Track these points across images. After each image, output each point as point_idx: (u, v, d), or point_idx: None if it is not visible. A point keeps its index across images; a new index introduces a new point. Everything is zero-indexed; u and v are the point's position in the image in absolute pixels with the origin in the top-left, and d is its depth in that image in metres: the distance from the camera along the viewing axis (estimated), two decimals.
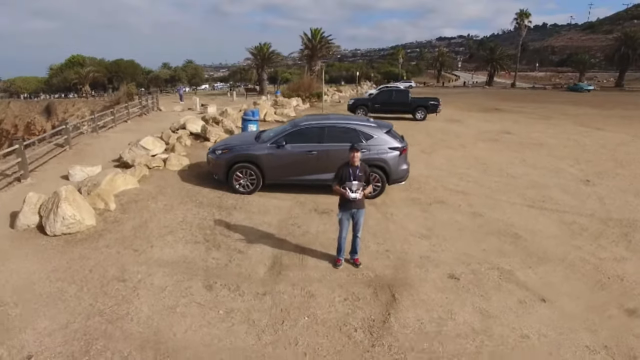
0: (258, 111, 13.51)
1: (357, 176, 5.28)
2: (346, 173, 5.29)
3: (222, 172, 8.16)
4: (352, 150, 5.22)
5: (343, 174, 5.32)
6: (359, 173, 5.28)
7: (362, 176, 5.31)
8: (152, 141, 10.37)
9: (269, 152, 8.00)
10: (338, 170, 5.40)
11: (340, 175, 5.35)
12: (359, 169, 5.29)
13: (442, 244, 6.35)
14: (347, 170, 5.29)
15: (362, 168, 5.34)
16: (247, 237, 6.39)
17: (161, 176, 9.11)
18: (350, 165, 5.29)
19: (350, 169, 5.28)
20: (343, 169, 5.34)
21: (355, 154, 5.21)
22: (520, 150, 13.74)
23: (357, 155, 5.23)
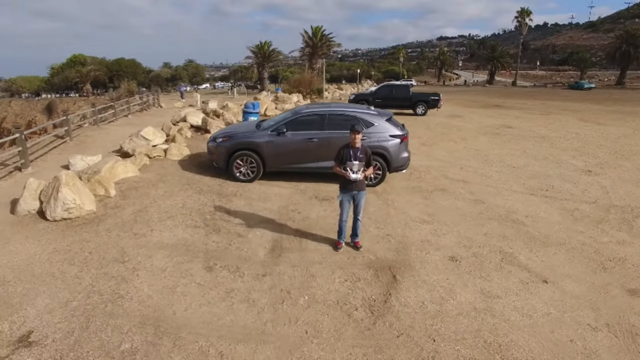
0: (259, 104, 13.51)
1: (358, 157, 5.25)
2: (347, 154, 5.27)
3: (223, 160, 8.15)
4: (353, 132, 5.19)
5: (344, 155, 5.30)
6: (359, 154, 5.26)
7: (363, 157, 5.29)
8: (153, 132, 10.36)
9: (270, 140, 7.98)
10: (339, 151, 5.39)
11: (341, 156, 5.34)
12: (360, 151, 5.27)
13: (443, 229, 6.32)
14: (347, 152, 5.27)
15: (363, 150, 5.32)
16: (247, 222, 6.37)
17: (162, 165, 9.10)
18: (351, 147, 5.27)
19: (351, 150, 5.26)
20: (344, 150, 5.32)
21: (356, 135, 5.19)
22: (522, 143, 13.71)
23: (358, 137, 5.20)
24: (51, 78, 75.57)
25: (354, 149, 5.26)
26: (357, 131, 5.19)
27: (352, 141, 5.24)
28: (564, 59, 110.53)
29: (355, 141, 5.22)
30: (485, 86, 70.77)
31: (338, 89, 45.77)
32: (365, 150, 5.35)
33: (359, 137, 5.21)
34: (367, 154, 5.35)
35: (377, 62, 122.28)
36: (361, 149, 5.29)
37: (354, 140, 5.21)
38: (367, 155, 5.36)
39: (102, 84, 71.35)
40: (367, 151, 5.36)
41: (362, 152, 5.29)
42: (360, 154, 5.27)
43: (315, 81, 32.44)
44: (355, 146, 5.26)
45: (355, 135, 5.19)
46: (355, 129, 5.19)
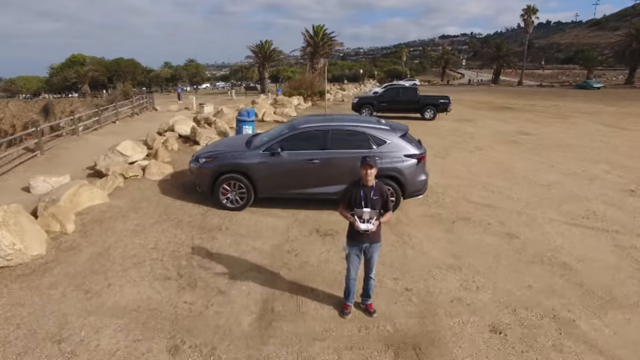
0: (254, 111, 12.23)
1: (371, 200, 4.00)
2: (356, 196, 4.01)
3: (206, 184, 6.89)
4: (365, 166, 3.93)
5: (352, 196, 4.05)
6: (373, 196, 4.00)
7: (378, 200, 4.03)
8: (132, 146, 9.11)
9: (262, 161, 6.72)
10: (346, 190, 4.13)
11: (348, 197, 4.08)
12: (374, 191, 4.01)
13: (475, 279, 5.05)
14: (357, 192, 4.01)
15: (378, 189, 4.05)
16: (232, 270, 5.11)
17: (138, 188, 7.84)
18: (363, 186, 4.01)
19: (361, 191, 4.00)
20: (352, 190, 4.06)
21: (368, 170, 3.93)
22: (544, 154, 12.40)
23: (371, 173, 3.94)
24: (50, 78, 74.92)
25: (365, 189, 4.00)
26: (369, 165, 3.92)
27: (363, 178, 3.98)
28: (569, 57, 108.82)
29: (368, 178, 3.96)
30: (491, 85, 69.39)
31: (340, 89, 44.47)
32: (381, 190, 4.08)
33: (372, 173, 3.95)
34: (383, 195, 4.08)
35: (380, 61, 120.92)
36: (375, 189, 4.03)
37: (365, 176, 3.95)
38: (384, 197, 4.09)
39: (102, 84, 70.45)
40: (383, 191, 4.09)
41: (377, 193, 4.03)
42: (374, 195, 4.01)
43: (316, 82, 31.14)
44: (368, 184, 4.00)
45: (367, 170, 3.93)
46: (367, 162, 3.93)
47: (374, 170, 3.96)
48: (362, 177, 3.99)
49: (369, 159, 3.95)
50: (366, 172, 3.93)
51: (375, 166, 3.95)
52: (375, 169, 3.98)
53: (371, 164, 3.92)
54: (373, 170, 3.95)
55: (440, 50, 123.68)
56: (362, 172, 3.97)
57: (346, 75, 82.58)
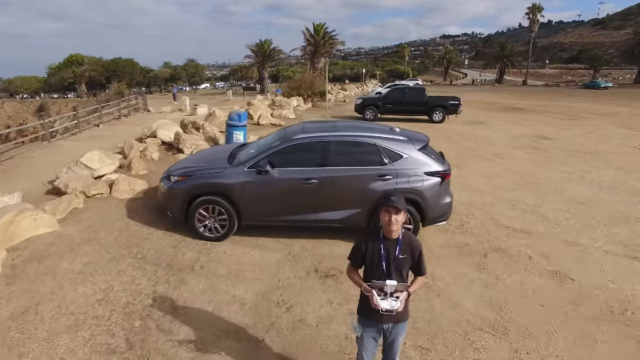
0: (246, 114, 10.90)
1: (397, 262, 2.67)
2: (374, 255, 2.69)
3: (179, 208, 5.55)
4: (388, 210, 2.60)
5: (368, 253, 2.72)
6: (399, 255, 2.67)
7: (406, 260, 2.71)
8: (99, 157, 7.78)
9: (247, 181, 5.38)
10: (358, 246, 2.80)
11: (361, 256, 2.76)
12: (401, 247, 2.68)
13: (530, 349, 3.71)
14: (375, 249, 2.69)
15: (407, 244, 2.72)
16: (202, 335, 3.78)
17: (100, 210, 6.50)
18: (383, 239, 2.69)
19: (382, 247, 2.68)
20: (367, 246, 2.73)
21: (392, 216, 2.59)
22: (571, 162, 11.06)
23: (396, 220, 2.61)
24: (48, 78, 74.09)
25: (387, 243, 2.68)
26: (394, 207, 2.58)
27: (385, 227, 2.65)
28: (573, 57, 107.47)
29: (392, 228, 2.62)
30: (495, 85, 68.06)
31: (342, 89, 43.10)
32: (411, 244, 2.75)
33: (398, 220, 2.61)
34: (414, 253, 2.74)
35: (381, 61, 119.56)
36: (403, 244, 2.69)
37: (388, 225, 2.61)
38: (415, 255, 2.75)
39: (99, 84, 69.43)
40: (414, 247, 2.75)
41: (405, 250, 2.70)
42: (400, 252, 2.68)
43: (317, 82, 29.80)
44: (391, 237, 2.67)
45: (392, 215, 2.60)
46: (391, 204, 2.58)
47: (402, 217, 2.63)
48: (384, 226, 2.65)
49: (394, 199, 2.60)
50: (390, 219, 2.59)
51: (403, 209, 2.61)
52: (404, 214, 2.65)
53: (397, 206, 2.57)
54: (400, 216, 2.61)
55: (443, 49, 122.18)
56: (383, 219, 2.64)
57: (347, 75, 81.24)
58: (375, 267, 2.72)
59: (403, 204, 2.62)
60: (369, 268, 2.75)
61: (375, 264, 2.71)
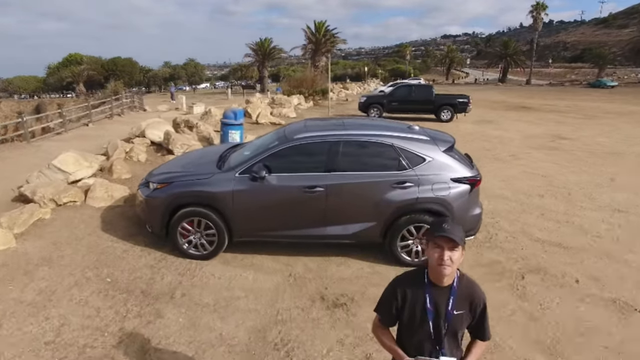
0: (242, 112, 10.03)
1: (451, 320, 1.80)
2: (417, 308, 1.84)
3: (158, 221, 4.67)
4: (438, 245, 1.74)
5: (407, 306, 1.85)
6: (453, 310, 1.80)
7: (463, 318, 1.84)
8: (75, 159, 6.89)
9: (239, 189, 4.49)
10: (390, 293, 1.94)
11: (395, 310, 1.89)
12: (456, 298, 1.80)
13: None
14: (419, 300, 1.84)
15: (465, 293, 1.85)
16: None
17: (70, 221, 5.62)
18: (431, 285, 1.81)
19: (428, 296, 1.81)
20: (407, 293, 1.87)
21: (446, 254, 1.72)
22: (597, 164, 10.17)
23: (449, 259, 1.73)
24: (47, 78, 73.71)
25: (436, 292, 1.82)
26: (448, 241, 1.71)
27: (433, 269, 1.79)
28: (577, 56, 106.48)
29: (444, 270, 1.74)
30: (498, 84, 67.07)
31: (344, 88, 42.21)
32: (472, 294, 1.87)
33: (454, 260, 1.73)
34: (474, 307, 1.86)
35: (382, 61, 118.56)
36: (459, 293, 1.83)
37: (439, 267, 1.74)
38: (476, 310, 1.87)
39: (98, 84, 68.84)
40: (474, 298, 1.87)
41: (462, 304, 1.83)
42: (454, 307, 1.80)
43: (318, 80, 28.92)
44: (442, 284, 1.80)
45: (443, 252, 1.72)
46: (444, 233, 1.71)
47: (459, 255, 1.75)
48: (432, 267, 1.78)
49: (447, 227, 1.73)
50: (441, 258, 1.72)
51: (461, 244, 1.73)
52: (462, 251, 1.77)
53: (454, 238, 1.70)
54: (456, 253, 1.74)
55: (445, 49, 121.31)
56: (431, 256, 1.77)
57: (348, 75, 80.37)
58: (417, 327, 1.84)
59: (462, 237, 1.74)
60: (408, 328, 1.88)
61: (418, 323, 1.84)
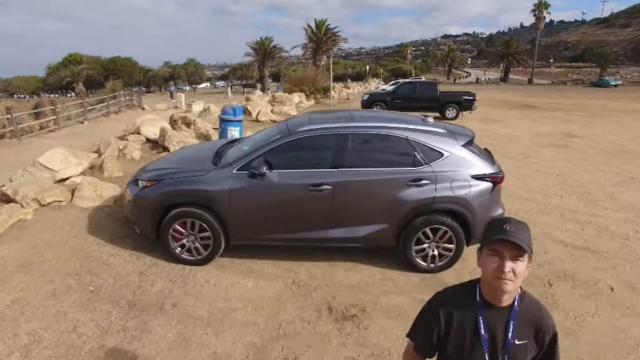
0: (242, 108, 9.60)
1: (511, 351, 1.35)
2: (467, 335, 1.39)
3: (148, 222, 4.23)
4: (496, 252, 1.30)
5: (452, 332, 1.40)
6: (514, 340, 1.35)
7: (527, 350, 1.38)
8: (63, 156, 6.44)
9: (236, 187, 4.04)
10: (430, 313, 1.48)
11: (436, 335, 1.44)
12: (517, 324, 1.36)
13: None
14: (468, 324, 1.39)
15: (529, 317, 1.40)
16: None
17: (54, 222, 5.17)
18: (486, 306, 1.37)
19: (482, 320, 1.36)
20: (453, 315, 1.41)
21: (507, 265, 1.28)
22: (612, 162, 9.72)
23: (513, 274, 1.28)
24: (47, 78, 73.60)
25: (491, 315, 1.37)
26: (512, 246, 1.27)
27: (488, 284, 1.35)
28: (578, 55, 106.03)
29: (503, 287, 1.29)
30: (500, 84, 66.67)
31: (345, 87, 41.81)
32: (537, 320, 1.41)
33: (517, 273, 1.28)
34: (541, 336, 1.40)
35: (383, 60, 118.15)
36: (521, 317, 1.38)
37: (497, 281, 1.30)
38: (543, 340, 1.41)
39: (98, 83, 68.57)
40: (542, 325, 1.41)
41: (526, 331, 1.38)
42: (517, 337, 1.35)
43: (319, 79, 28.50)
44: (500, 304, 1.35)
45: (504, 262, 1.27)
46: (505, 236, 1.27)
47: (524, 266, 1.31)
48: (484, 281, 1.35)
49: (510, 229, 1.30)
50: (501, 268, 1.29)
51: (528, 252, 1.30)
52: (528, 261, 1.33)
53: (519, 244, 1.27)
54: (521, 263, 1.29)
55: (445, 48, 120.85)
56: (486, 267, 1.34)
57: (349, 75, 79.97)
58: (467, 359, 1.40)
59: (529, 242, 1.30)
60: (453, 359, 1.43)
61: (466, 355, 1.39)
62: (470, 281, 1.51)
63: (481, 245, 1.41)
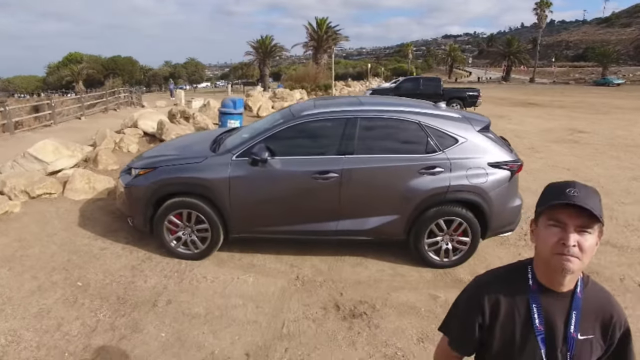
0: (242, 100, 9.33)
1: (573, 346, 1.07)
2: (517, 328, 1.13)
3: (141, 213, 3.94)
4: (558, 220, 1.03)
5: (499, 325, 1.12)
6: (577, 334, 1.07)
7: (592, 346, 1.10)
8: (55, 147, 6.16)
9: (236, 175, 3.76)
10: (470, 302, 1.20)
11: (478, 328, 1.16)
12: (580, 313, 1.09)
13: None
14: (519, 314, 1.13)
15: (595, 305, 1.12)
16: None
17: (43, 215, 4.90)
18: (542, 291, 1.11)
19: (535, 308, 1.10)
20: (500, 301, 1.14)
21: (571, 237, 1.00)
22: (623, 157, 9.44)
23: (579, 248, 1.00)
24: (47, 77, 73.53)
25: (548, 301, 1.11)
26: (582, 215, 1.00)
27: (548, 261, 1.06)
28: (580, 54, 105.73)
29: (567, 266, 1.01)
30: (502, 83, 66.34)
31: (346, 86, 41.51)
32: (605, 310, 1.14)
33: (585, 248, 1.00)
34: (610, 331, 1.12)
35: (384, 60, 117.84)
36: (585, 305, 1.11)
37: (560, 256, 1.02)
38: (613, 336, 1.13)
39: (98, 82, 68.40)
40: (611, 317, 1.13)
41: (591, 323, 1.11)
42: (580, 331, 1.07)
43: (321, 76, 28.23)
44: (559, 288, 1.09)
45: (568, 233, 1.00)
46: (570, 200, 1.01)
47: (593, 240, 1.03)
48: (540, 260, 1.09)
49: (575, 193, 1.02)
50: (563, 241, 1.01)
51: (600, 220, 1.01)
52: (598, 233, 1.04)
53: (588, 208, 1.00)
54: (590, 237, 1.02)
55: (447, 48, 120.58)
56: (544, 241, 1.06)
57: (350, 74, 79.72)
58: (515, 358, 1.12)
59: (600, 209, 1.02)
60: (500, 359, 1.15)
61: (517, 352, 1.11)
62: (520, 261, 1.23)
63: (536, 214, 1.13)
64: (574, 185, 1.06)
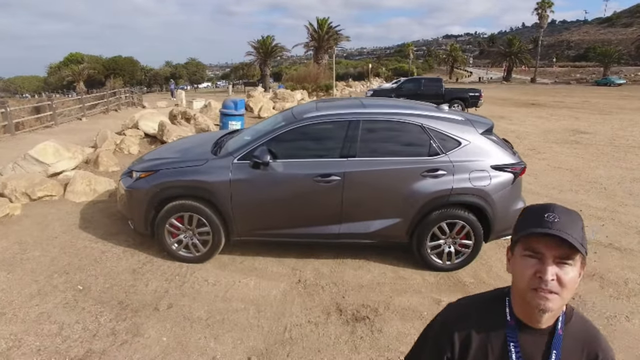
0: (243, 101, 9.30)
1: None
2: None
3: (142, 216, 3.92)
4: (535, 251, 0.97)
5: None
6: None
7: None
8: (55, 149, 6.15)
9: (238, 178, 3.74)
10: (436, 336, 1.16)
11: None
12: (560, 356, 1.03)
13: None
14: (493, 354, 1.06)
15: (577, 344, 1.05)
16: None
17: (43, 217, 4.88)
18: (519, 327, 1.06)
19: (513, 348, 1.04)
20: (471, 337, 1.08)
21: (549, 270, 0.94)
22: (626, 158, 9.41)
23: (560, 281, 0.94)
24: (48, 77, 73.65)
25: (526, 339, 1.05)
26: (560, 245, 0.93)
27: (524, 295, 1.00)
28: (581, 54, 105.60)
29: (544, 303, 0.96)
30: (503, 83, 66.24)
31: (347, 86, 41.49)
32: (590, 348, 1.05)
33: (566, 281, 0.95)
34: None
35: (384, 60, 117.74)
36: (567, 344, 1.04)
37: (536, 292, 0.96)
38: None
39: (99, 83, 68.46)
40: (596, 356, 1.05)
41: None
42: None
43: (322, 76, 28.21)
44: (537, 325, 1.04)
45: (545, 266, 0.95)
46: (547, 229, 0.95)
47: (575, 272, 0.97)
48: (516, 292, 1.07)
49: (554, 219, 0.96)
50: (540, 274, 0.96)
51: (581, 252, 0.95)
52: (580, 265, 0.98)
53: (566, 239, 0.93)
54: (570, 268, 0.96)
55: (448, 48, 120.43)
56: (520, 273, 1.01)
57: (351, 74, 79.66)
58: None
59: (582, 238, 0.97)
60: None
61: None
62: (497, 290, 1.15)
63: (512, 241, 1.05)
64: (553, 210, 0.98)
